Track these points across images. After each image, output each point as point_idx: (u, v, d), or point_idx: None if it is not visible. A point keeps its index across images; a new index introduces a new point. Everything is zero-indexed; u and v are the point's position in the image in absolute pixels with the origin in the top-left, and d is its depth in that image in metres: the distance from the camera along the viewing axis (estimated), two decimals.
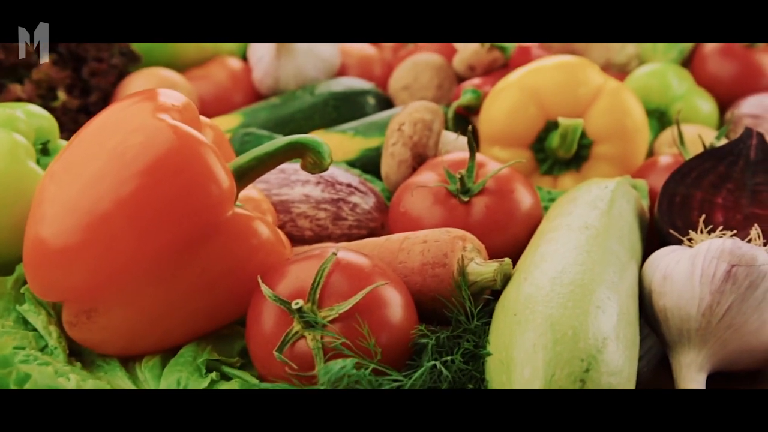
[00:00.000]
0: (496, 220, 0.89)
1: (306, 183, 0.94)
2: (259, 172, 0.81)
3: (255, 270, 0.76)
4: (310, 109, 1.19)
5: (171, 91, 0.81)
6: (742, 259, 0.76)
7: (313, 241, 0.93)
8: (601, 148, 1.04)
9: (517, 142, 1.05)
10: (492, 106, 1.07)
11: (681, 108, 1.02)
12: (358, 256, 0.75)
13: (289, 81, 1.26)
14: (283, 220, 0.93)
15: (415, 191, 0.90)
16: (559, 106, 1.04)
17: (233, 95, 1.29)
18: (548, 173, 1.06)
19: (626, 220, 0.86)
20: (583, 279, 0.73)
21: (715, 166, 0.91)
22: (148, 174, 0.73)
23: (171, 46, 1.32)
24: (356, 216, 0.93)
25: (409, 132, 0.98)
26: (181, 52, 1.32)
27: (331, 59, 1.28)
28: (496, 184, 0.90)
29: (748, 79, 1.23)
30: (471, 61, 1.21)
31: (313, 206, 0.93)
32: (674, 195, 0.90)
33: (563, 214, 0.86)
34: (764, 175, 0.90)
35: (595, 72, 1.05)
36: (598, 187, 0.90)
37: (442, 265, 0.78)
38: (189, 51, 1.33)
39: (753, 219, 0.89)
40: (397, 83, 1.24)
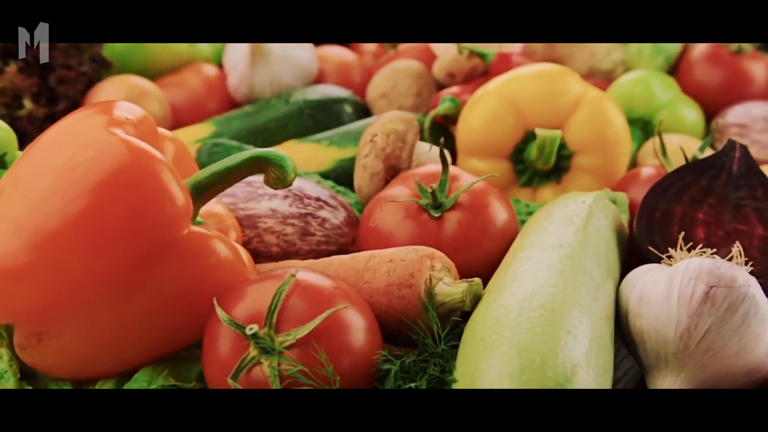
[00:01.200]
0: (469, 236, 0.85)
1: (273, 197, 0.90)
2: (220, 188, 0.78)
3: (212, 290, 0.73)
4: (284, 118, 1.16)
5: (127, 104, 0.78)
6: (720, 280, 0.73)
7: (280, 258, 0.90)
8: (581, 159, 1.01)
9: (495, 153, 1.02)
10: (469, 115, 1.04)
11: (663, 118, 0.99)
12: (319, 278, 0.72)
13: (264, 88, 1.23)
14: (249, 236, 0.90)
15: (385, 206, 0.87)
16: (538, 115, 1.01)
17: (208, 103, 1.25)
18: (527, 185, 1.03)
19: (603, 236, 0.83)
20: (553, 302, 0.70)
21: (696, 179, 0.88)
22: (98, 191, 0.70)
23: (145, 53, 1.29)
24: (325, 231, 0.90)
25: (382, 144, 0.95)
26: (155, 59, 1.29)
27: (308, 66, 1.25)
28: (470, 199, 0.87)
29: (736, 87, 1.20)
30: (450, 68, 1.18)
31: (280, 221, 0.89)
32: (654, 210, 0.86)
33: (537, 230, 0.82)
34: (747, 190, 0.87)
35: (575, 80, 1.02)
36: (575, 201, 0.87)
37: (409, 285, 0.75)
38: (163, 57, 1.29)
39: (735, 235, 0.86)
40: (375, 91, 1.21)
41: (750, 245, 0.85)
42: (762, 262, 0.84)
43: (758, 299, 0.73)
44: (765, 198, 0.87)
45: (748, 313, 0.72)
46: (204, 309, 0.73)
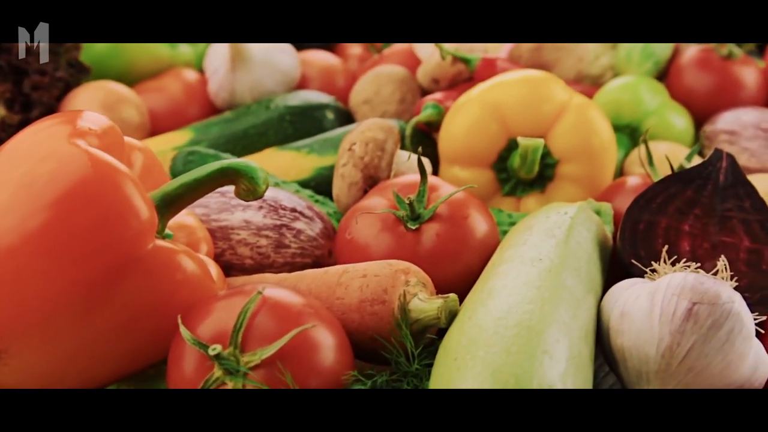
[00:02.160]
0: (447, 249, 0.83)
1: (247, 208, 0.88)
2: (189, 200, 0.76)
3: (179, 307, 0.71)
4: (264, 125, 1.13)
5: (92, 114, 0.75)
6: (704, 297, 0.70)
7: (253, 271, 0.87)
8: (566, 167, 0.98)
9: (478, 162, 1.00)
10: (451, 123, 1.01)
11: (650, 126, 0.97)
12: (288, 294, 0.69)
13: (245, 94, 1.20)
14: (222, 248, 0.87)
15: (361, 218, 0.84)
16: (521, 123, 0.98)
17: (187, 109, 1.23)
18: (511, 194, 1.01)
19: (585, 249, 0.81)
20: (530, 320, 0.67)
21: (682, 190, 0.85)
22: (57, 206, 0.67)
23: (124, 57, 1.26)
24: (300, 243, 0.87)
25: (360, 152, 0.93)
26: (135, 63, 1.27)
27: (290, 71, 1.23)
28: (449, 210, 0.85)
29: (726, 93, 1.17)
30: (435, 73, 1.15)
31: (254, 233, 0.87)
32: (638, 222, 0.84)
33: (517, 244, 0.80)
34: (734, 201, 0.85)
35: (560, 87, 1.00)
36: (556, 213, 0.85)
37: (382, 301, 0.72)
38: (143, 62, 1.27)
39: (721, 248, 0.83)
40: (357, 97, 1.19)
41: (737, 258, 0.83)
42: (749, 276, 0.82)
43: (743, 316, 0.70)
44: (752, 209, 0.84)
45: (732, 330, 0.70)
46: (170, 326, 0.71)
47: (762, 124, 1.08)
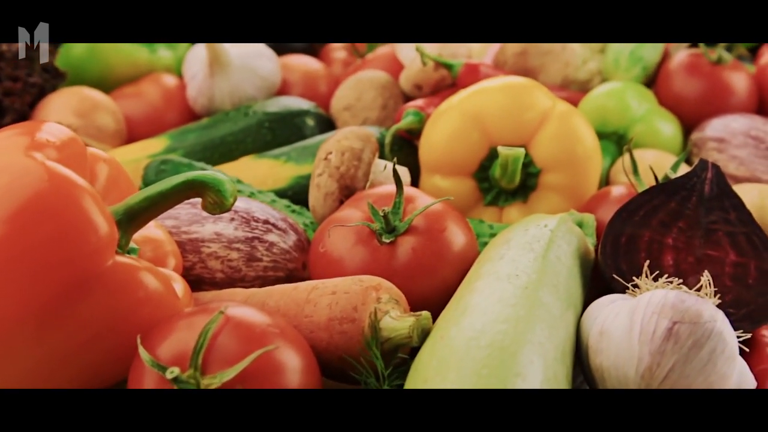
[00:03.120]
0: (423, 263, 0.80)
1: (218, 220, 0.85)
2: (153, 213, 0.73)
3: (140, 326, 0.68)
4: (242, 132, 1.11)
5: (53, 125, 0.73)
6: (685, 315, 0.67)
7: (224, 285, 0.84)
8: (549, 177, 0.96)
9: (459, 171, 0.97)
10: (432, 131, 0.99)
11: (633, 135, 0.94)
12: (253, 313, 0.67)
13: (224, 100, 1.17)
14: (192, 261, 0.85)
15: (332, 231, 0.82)
16: (503, 131, 0.95)
17: (166, 115, 1.20)
18: (493, 204, 0.98)
19: (564, 264, 0.78)
20: (503, 340, 0.65)
21: (665, 202, 0.82)
22: (11, 221, 0.64)
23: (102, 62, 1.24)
24: (273, 256, 0.85)
25: (336, 162, 0.90)
26: (113, 68, 1.24)
27: (270, 76, 1.20)
28: (426, 222, 0.82)
29: (716, 99, 1.14)
30: (417, 79, 1.13)
31: (225, 246, 0.84)
32: (619, 235, 0.81)
33: (494, 258, 0.77)
34: (720, 213, 0.82)
35: (542, 94, 0.97)
36: (536, 226, 0.82)
37: (351, 320, 0.70)
38: (121, 67, 1.24)
39: (706, 262, 0.80)
40: (338, 103, 1.16)
41: (722, 272, 0.80)
42: (734, 291, 0.79)
43: (725, 335, 0.68)
44: (738, 222, 0.82)
45: (714, 350, 0.67)
46: (131, 345, 0.68)
47: (751, 131, 1.06)
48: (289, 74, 1.25)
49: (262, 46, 1.21)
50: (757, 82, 1.17)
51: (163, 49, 1.28)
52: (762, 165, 1.03)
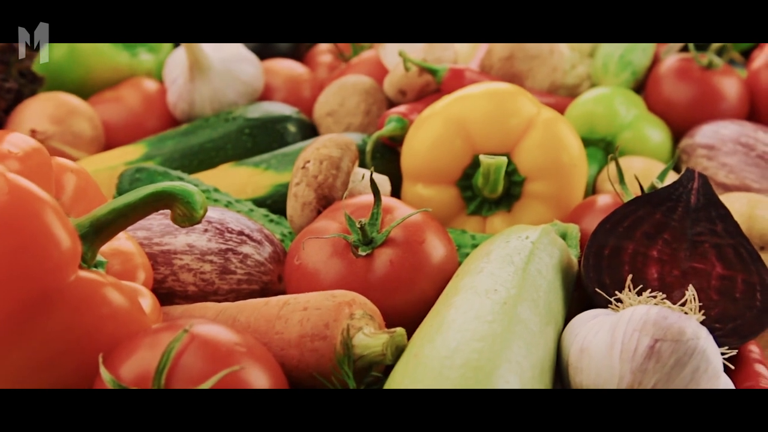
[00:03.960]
0: (401, 276, 0.78)
1: (191, 231, 0.83)
2: (121, 226, 0.71)
3: (104, 343, 0.66)
4: (222, 139, 1.08)
5: (17, 135, 0.71)
6: (667, 333, 0.65)
7: (197, 298, 0.82)
8: (533, 185, 0.93)
9: (442, 179, 0.95)
10: (414, 138, 0.96)
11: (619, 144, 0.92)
12: (219, 331, 0.64)
13: (205, 105, 1.15)
14: (164, 274, 0.82)
15: (307, 243, 0.79)
16: (486, 138, 0.93)
17: (146, 120, 1.18)
18: (476, 213, 0.96)
19: (545, 278, 0.76)
20: (478, 359, 0.62)
21: (650, 213, 0.80)
22: None
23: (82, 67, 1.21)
24: (247, 269, 0.83)
25: (314, 171, 0.88)
26: (93, 73, 1.22)
27: (253, 81, 1.18)
28: (404, 234, 0.80)
29: (706, 104, 1.12)
30: (401, 84, 1.10)
31: (198, 258, 0.82)
32: (603, 247, 0.79)
33: (472, 272, 0.75)
34: (706, 224, 0.80)
35: (527, 100, 0.95)
36: (517, 237, 0.80)
37: (323, 337, 0.67)
38: (101, 71, 1.22)
39: (692, 275, 0.78)
40: (321, 108, 1.14)
41: (708, 286, 0.78)
42: (720, 305, 0.77)
43: (708, 353, 0.65)
44: (725, 233, 0.79)
45: (698, 369, 0.65)
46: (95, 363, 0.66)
47: (741, 138, 1.03)
48: (272, 79, 1.23)
49: (244, 50, 1.18)
50: (749, 87, 1.15)
51: (145, 52, 1.26)
52: (752, 173, 1.00)
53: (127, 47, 1.24)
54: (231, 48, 1.16)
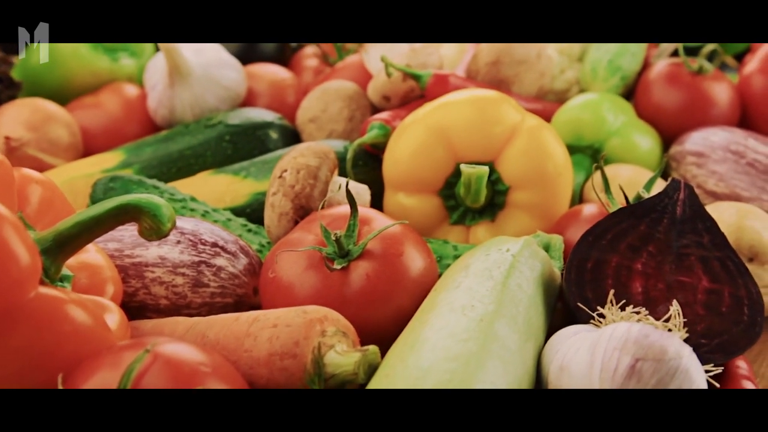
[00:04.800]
0: (377, 290, 0.76)
1: (164, 243, 0.81)
2: (85, 240, 0.69)
3: (66, 362, 0.64)
4: (201, 145, 1.06)
5: None
6: (648, 352, 0.63)
7: (169, 312, 0.80)
8: (517, 195, 0.91)
9: (424, 188, 0.93)
10: (395, 146, 0.94)
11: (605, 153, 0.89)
12: (184, 350, 0.62)
13: (185, 111, 1.13)
14: (136, 287, 0.80)
15: (281, 255, 0.77)
16: (469, 147, 0.91)
17: (126, 127, 1.16)
18: (459, 223, 0.93)
19: (526, 292, 0.73)
20: (451, 380, 0.60)
21: (634, 225, 0.78)
22: None
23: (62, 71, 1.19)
24: (220, 282, 0.80)
25: (291, 180, 0.85)
26: (73, 78, 1.20)
27: (235, 86, 1.15)
28: (382, 246, 0.77)
29: (696, 110, 1.10)
30: (385, 90, 1.08)
31: (170, 270, 0.80)
32: (585, 260, 0.77)
33: (450, 286, 0.73)
34: (692, 236, 0.77)
35: (511, 108, 0.92)
36: (497, 250, 0.77)
37: (293, 355, 0.65)
38: (82, 76, 1.20)
39: (677, 289, 0.76)
40: (304, 115, 1.11)
41: (694, 300, 0.76)
42: (706, 320, 0.75)
43: (691, 373, 0.63)
44: (712, 246, 0.77)
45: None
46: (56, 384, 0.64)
47: (731, 145, 1.01)
48: (255, 84, 1.20)
49: (226, 55, 1.16)
50: (740, 93, 1.13)
51: (126, 57, 1.23)
52: (742, 181, 0.98)
53: (108, 51, 1.21)
54: (212, 53, 1.14)
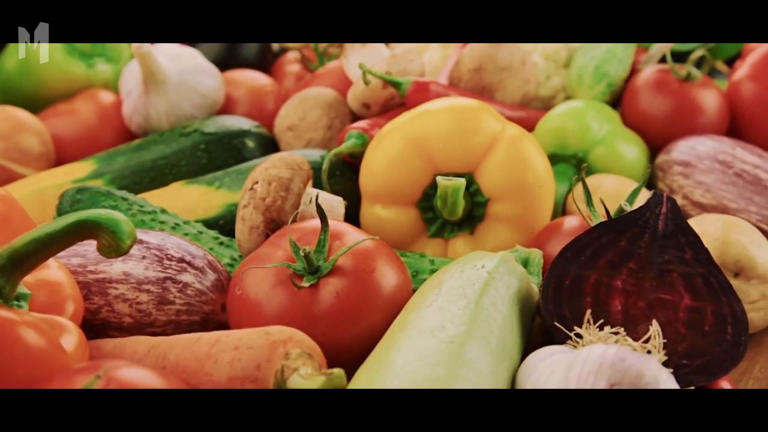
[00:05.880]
0: (347, 308, 0.73)
1: (128, 258, 0.78)
2: (41, 258, 0.66)
3: (18, 387, 0.61)
4: (175, 155, 1.03)
5: None
6: (624, 376, 0.60)
7: (132, 330, 0.77)
8: (497, 206, 0.89)
9: (401, 200, 0.90)
10: (372, 156, 0.91)
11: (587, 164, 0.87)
12: (139, 374, 0.59)
13: (161, 119, 1.10)
14: (99, 304, 0.77)
15: (247, 272, 0.74)
16: (448, 157, 0.88)
17: (100, 135, 1.13)
18: (438, 235, 0.91)
19: (500, 311, 0.71)
20: None
21: (615, 240, 0.75)
22: None
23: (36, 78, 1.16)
24: (186, 299, 0.78)
25: (262, 193, 0.83)
26: (48, 84, 1.17)
27: (212, 94, 1.13)
28: (353, 263, 0.75)
29: (683, 119, 1.07)
30: (365, 97, 1.05)
31: (134, 287, 0.77)
32: (563, 277, 0.74)
33: (421, 305, 0.70)
34: (675, 252, 0.75)
35: (491, 117, 0.90)
36: (472, 267, 0.75)
37: (254, 379, 0.63)
38: (56, 83, 1.17)
39: (658, 307, 0.73)
40: (282, 123, 1.09)
41: (675, 318, 0.73)
42: (688, 339, 0.72)
43: None
44: (695, 262, 0.74)
45: None
46: None
47: (719, 155, 0.98)
48: (234, 90, 1.18)
49: (204, 61, 1.13)
50: (729, 100, 1.10)
51: (102, 62, 1.21)
52: (729, 192, 0.95)
53: (83, 57, 1.19)
54: (188, 59, 1.11)
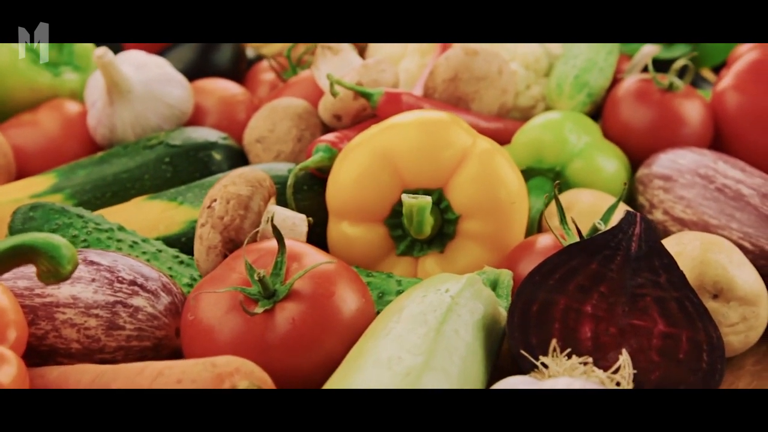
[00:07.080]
0: (304, 335, 0.70)
1: (77, 281, 0.74)
2: None
3: None
4: (138, 168, 1.00)
5: None
6: None
7: (81, 357, 0.74)
8: (468, 224, 0.85)
9: (369, 217, 0.87)
10: (339, 170, 0.88)
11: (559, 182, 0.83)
12: None
13: (126, 130, 1.06)
14: (45, 329, 0.74)
15: (199, 297, 0.71)
16: (416, 173, 0.85)
17: (65, 147, 1.09)
18: (407, 254, 0.87)
19: (463, 339, 0.67)
20: None
21: (585, 263, 0.72)
22: None
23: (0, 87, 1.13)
24: (137, 323, 0.74)
25: (220, 212, 0.79)
26: (12, 94, 1.13)
27: (179, 104, 1.09)
28: (311, 286, 0.71)
29: (665, 130, 1.03)
30: (335, 108, 1.02)
31: (82, 311, 0.73)
32: (530, 302, 0.71)
33: (379, 333, 0.66)
34: (648, 275, 0.71)
35: (461, 130, 0.86)
36: (435, 291, 0.71)
37: None
38: (21, 92, 1.13)
39: (630, 333, 0.70)
40: (251, 134, 1.05)
41: (648, 345, 0.70)
42: (662, 367, 0.69)
43: None
44: (669, 285, 0.71)
45: None
46: None
47: (700, 169, 0.95)
48: (203, 100, 1.14)
49: (171, 70, 1.10)
50: (713, 111, 1.07)
51: (69, 71, 1.17)
52: (710, 208, 0.92)
53: (49, 66, 1.15)
54: (155, 68, 1.08)
